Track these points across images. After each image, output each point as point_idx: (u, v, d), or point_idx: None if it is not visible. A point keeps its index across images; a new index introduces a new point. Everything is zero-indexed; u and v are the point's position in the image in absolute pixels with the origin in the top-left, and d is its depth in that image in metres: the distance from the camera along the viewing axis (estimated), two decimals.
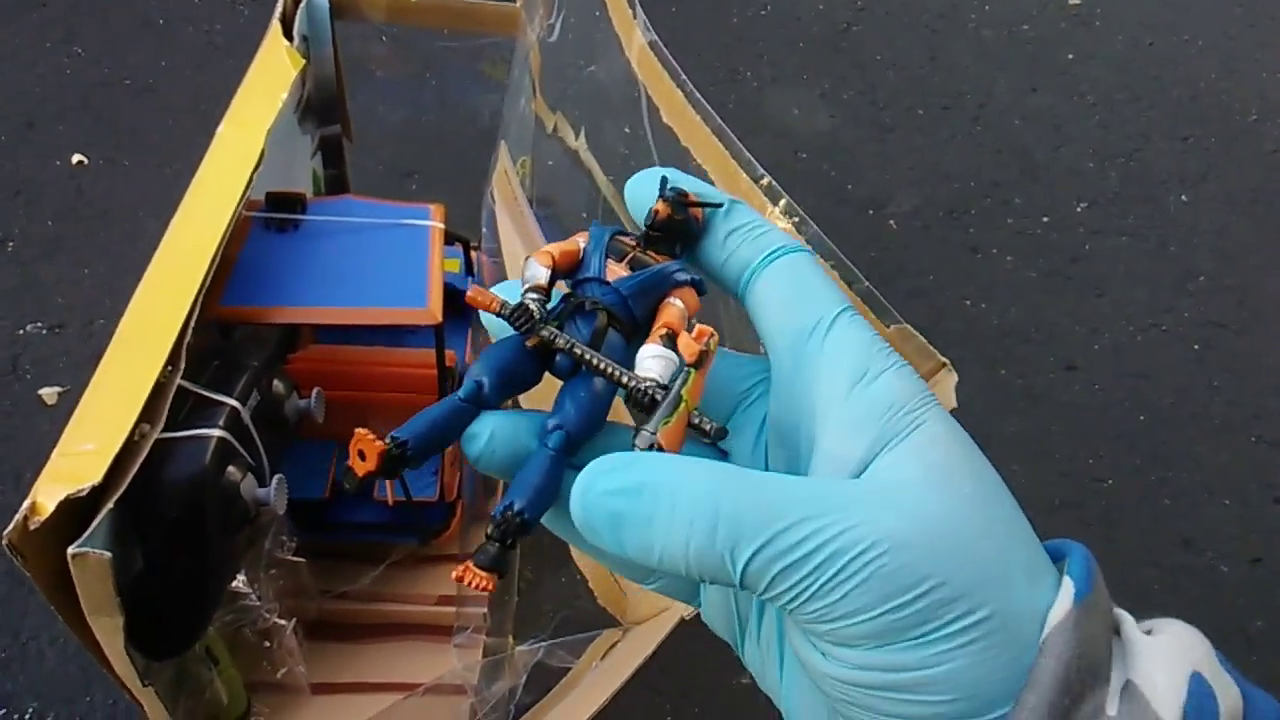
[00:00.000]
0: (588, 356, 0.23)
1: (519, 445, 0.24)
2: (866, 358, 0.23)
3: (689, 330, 0.24)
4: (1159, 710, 0.20)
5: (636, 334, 0.25)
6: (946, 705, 0.20)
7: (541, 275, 0.24)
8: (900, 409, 0.22)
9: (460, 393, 0.24)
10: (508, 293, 0.25)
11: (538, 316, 0.23)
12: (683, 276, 0.25)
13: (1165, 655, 0.21)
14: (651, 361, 0.23)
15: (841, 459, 0.22)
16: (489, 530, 0.23)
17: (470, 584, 0.23)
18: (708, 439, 0.23)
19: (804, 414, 0.23)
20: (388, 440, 0.24)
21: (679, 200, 0.25)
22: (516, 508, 0.23)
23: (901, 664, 0.20)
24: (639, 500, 0.20)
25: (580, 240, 0.26)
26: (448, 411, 0.24)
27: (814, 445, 0.23)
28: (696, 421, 0.23)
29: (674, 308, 0.24)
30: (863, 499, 0.21)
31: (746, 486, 0.21)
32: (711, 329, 0.23)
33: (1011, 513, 0.22)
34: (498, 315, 0.24)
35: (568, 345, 0.23)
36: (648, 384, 0.23)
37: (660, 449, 0.22)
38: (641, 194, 0.26)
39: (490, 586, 0.23)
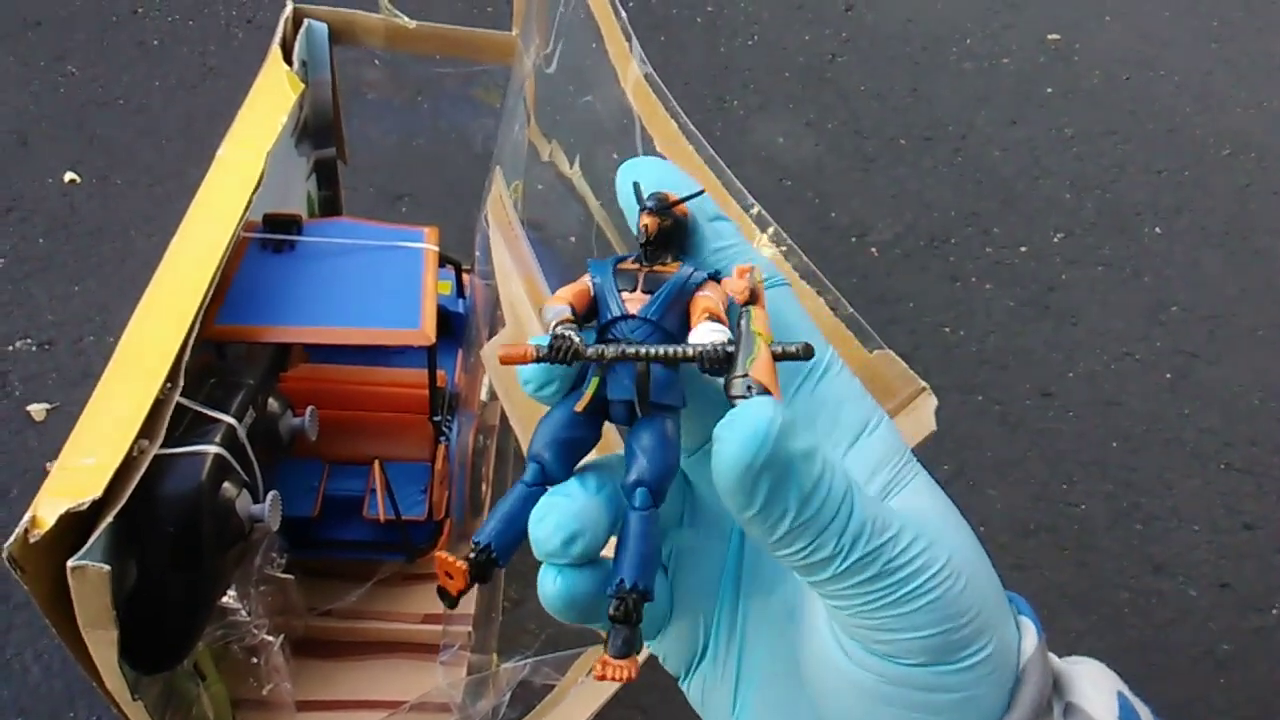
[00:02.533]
0: (644, 351, 0.22)
1: (603, 530, 0.23)
2: (867, 409, 0.24)
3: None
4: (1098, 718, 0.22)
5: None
6: None
7: (564, 310, 0.23)
8: (898, 460, 0.24)
9: (526, 478, 0.23)
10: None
11: (578, 339, 0.22)
12: (700, 276, 0.24)
13: (1094, 678, 0.24)
14: (713, 335, 0.22)
15: None
16: (611, 612, 0.22)
17: (613, 678, 0.22)
18: (800, 359, 0.22)
19: None
20: (471, 548, 0.23)
21: (663, 207, 0.24)
22: (630, 584, 0.22)
23: (939, 685, 0.21)
24: (810, 470, 0.20)
25: (586, 280, 0.24)
26: (520, 501, 0.23)
27: None
28: (779, 350, 0.22)
29: (706, 298, 0.23)
30: (927, 525, 0.22)
31: (865, 492, 0.21)
32: (751, 264, 0.23)
33: (986, 556, 0.24)
34: (537, 360, 0.22)
35: (618, 352, 0.22)
36: (714, 344, 0.21)
37: (759, 386, 0.21)
38: (627, 190, 0.25)
39: (635, 674, 0.22)
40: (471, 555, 0.23)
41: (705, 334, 0.22)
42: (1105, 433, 1.19)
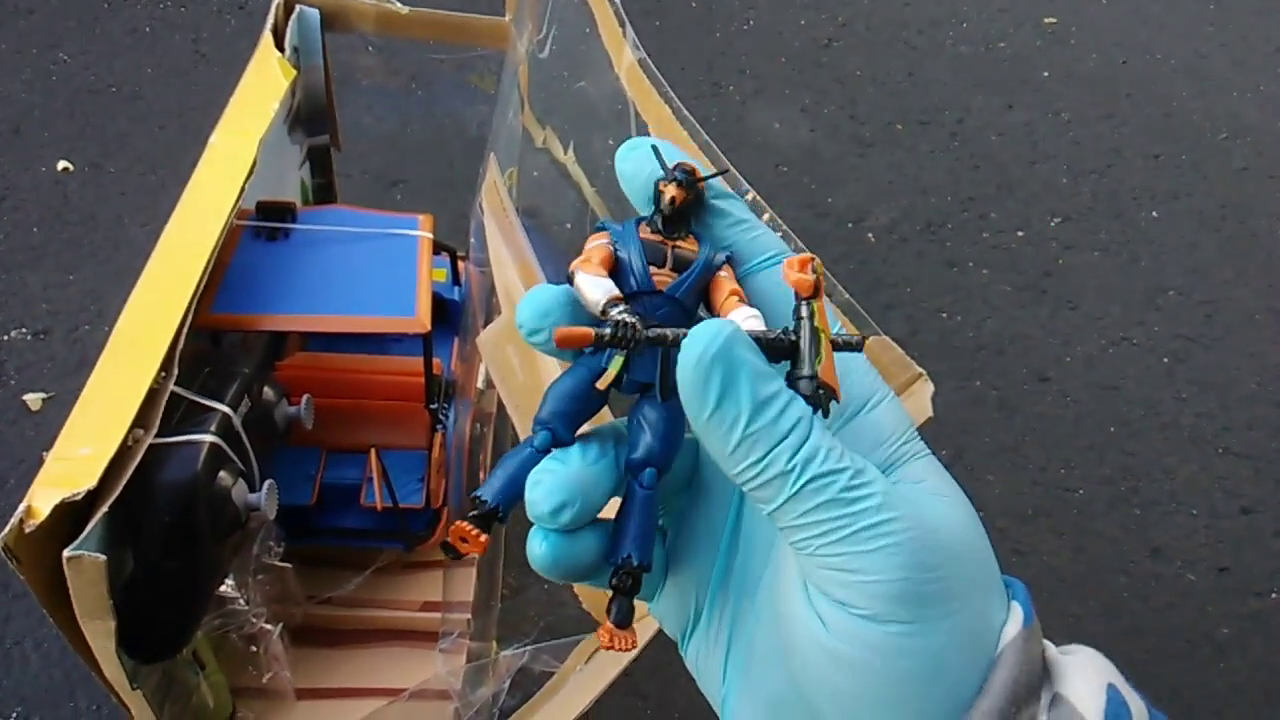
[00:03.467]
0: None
1: (597, 497, 0.24)
2: (869, 384, 0.25)
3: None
4: (1084, 713, 0.22)
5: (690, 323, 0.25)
6: (918, 702, 0.22)
7: (610, 286, 0.23)
8: (899, 439, 0.24)
9: (536, 443, 0.24)
10: (543, 304, 0.23)
11: (641, 326, 0.22)
12: (721, 258, 0.25)
13: (1084, 669, 0.23)
14: (751, 322, 0.23)
15: None
16: (614, 583, 0.23)
17: (618, 647, 0.23)
18: (856, 349, 0.23)
19: None
20: (475, 503, 0.24)
21: (690, 181, 0.24)
22: (636, 560, 0.23)
23: (904, 649, 0.21)
24: (765, 384, 0.21)
25: (606, 244, 0.24)
26: (525, 465, 0.24)
27: None
28: (839, 342, 0.23)
29: (727, 280, 0.24)
30: (900, 488, 0.23)
31: (824, 426, 0.22)
32: (811, 254, 0.23)
33: (987, 538, 0.24)
34: (596, 347, 0.22)
35: (677, 336, 0.22)
36: (780, 335, 0.22)
37: (825, 386, 0.22)
38: (633, 167, 0.25)
39: (635, 644, 0.23)
40: (476, 513, 0.24)
41: (745, 319, 0.23)
42: (1103, 417, 1.19)
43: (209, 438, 0.54)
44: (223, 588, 0.60)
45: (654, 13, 1.72)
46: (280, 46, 0.73)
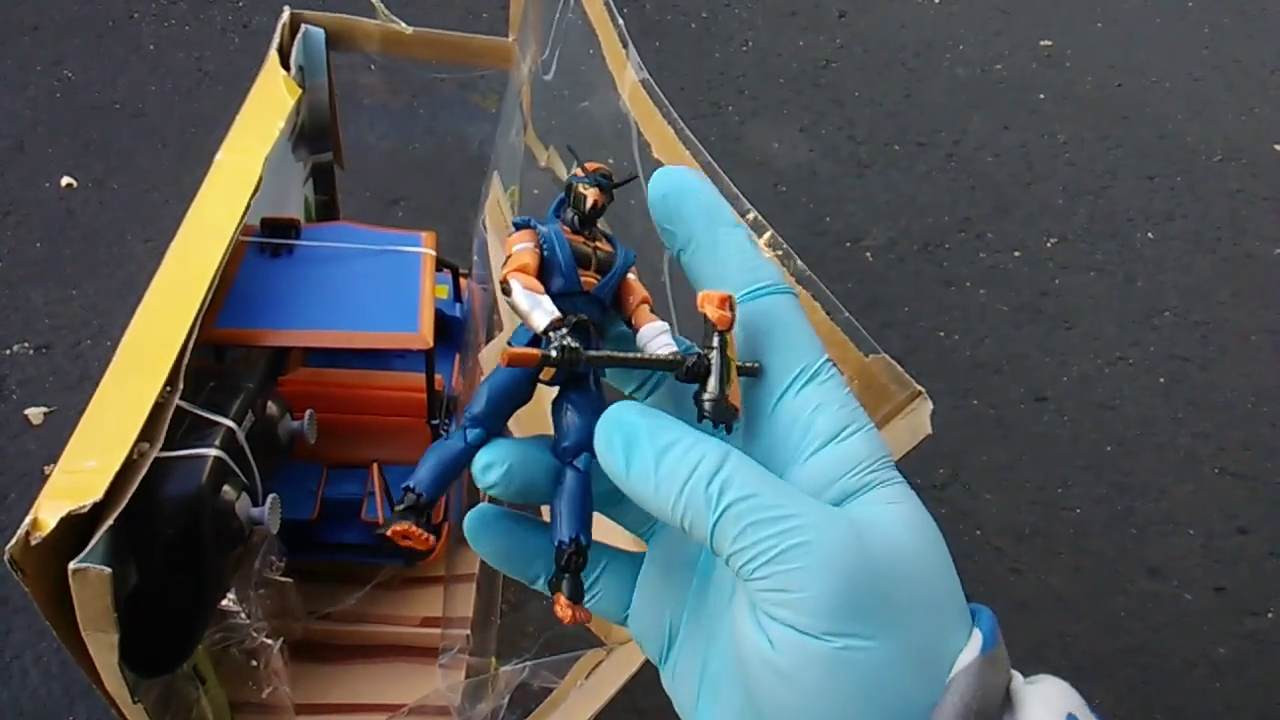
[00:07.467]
0: (634, 357, 0.25)
1: (532, 472, 0.26)
2: (845, 417, 0.25)
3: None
4: None
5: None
6: None
7: (551, 307, 0.24)
8: (868, 467, 0.24)
9: (470, 439, 0.25)
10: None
11: (581, 348, 0.23)
12: (632, 257, 0.27)
13: (1046, 699, 0.23)
14: (663, 338, 0.25)
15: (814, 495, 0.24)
16: (562, 562, 0.25)
17: (579, 618, 0.25)
18: (753, 375, 0.25)
19: (777, 450, 0.25)
20: (405, 491, 0.26)
21: (610, 186, 0.27)
22: (584, 540, 0.25)
23: (850, 662, 0.21)
24: (664, 434, 0.23)
25: (530, 245, 0.25)
26: (459, 457, 0.26)
27: (786, 479, 0.25)
28: (742, 366, 0.25)
29: (637, 284, 0.27)
30: (835, 511, 0.23)
31: (746, 458, 0.23)
32: (731, 295, 0.25)
33: (951, 565, 0.24)
34: (543, 365, 0.23)
35: (609, 358, 0.24)
36: (697, 355, 0.24)
37: (733, 408, 0.24)
38: (663, 190, 0.27)
39: (590, 617, 0.25)
40: (406, 505, 0.25)
41: (661, 339, 0.25)
42: (1099, 437, 1.20)
43: (213, 451, 0.54)
44: (224, 602, 0.61)
45: (653, 33, 1.73)
46: (286, 65, 0.74)
